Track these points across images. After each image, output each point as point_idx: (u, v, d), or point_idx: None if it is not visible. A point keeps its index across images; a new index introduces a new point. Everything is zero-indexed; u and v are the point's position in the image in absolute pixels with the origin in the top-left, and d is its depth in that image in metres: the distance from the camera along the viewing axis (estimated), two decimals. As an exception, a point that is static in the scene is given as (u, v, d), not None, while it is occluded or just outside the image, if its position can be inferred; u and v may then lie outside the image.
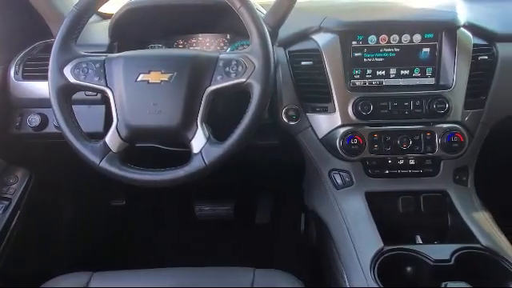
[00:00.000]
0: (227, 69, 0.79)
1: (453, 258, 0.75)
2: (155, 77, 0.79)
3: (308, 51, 0.97)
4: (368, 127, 0.94)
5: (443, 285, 0.70)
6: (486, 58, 0.97)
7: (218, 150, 0.78)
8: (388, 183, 0.94)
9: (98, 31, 1.10)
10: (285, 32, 1.00)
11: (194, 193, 1.54)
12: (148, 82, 0.79)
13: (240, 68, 0.79)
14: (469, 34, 0.97)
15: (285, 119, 0.98)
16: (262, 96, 0.77)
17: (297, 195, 1.21)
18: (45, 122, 1.05)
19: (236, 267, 0.89)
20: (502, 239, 0.81)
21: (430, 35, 0.96)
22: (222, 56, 0.81)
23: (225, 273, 0.88)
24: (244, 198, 1.57)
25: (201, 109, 0.79)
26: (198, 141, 0.79)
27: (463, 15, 0.97)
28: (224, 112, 0.92)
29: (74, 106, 1.03)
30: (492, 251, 0.77)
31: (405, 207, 0.92)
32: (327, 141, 0.97)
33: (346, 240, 0.84)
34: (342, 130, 0.94)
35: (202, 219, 1.56)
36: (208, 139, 0.79)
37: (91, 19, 1.24)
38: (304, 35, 0.99)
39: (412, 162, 0.94)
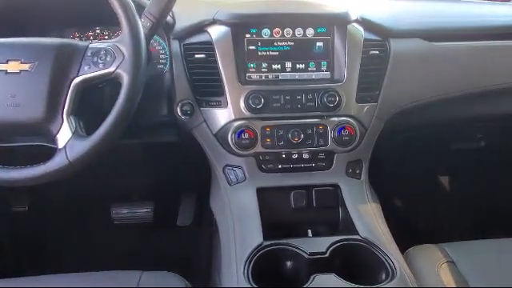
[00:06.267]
0: (95, 58, 0.75)
1: (328, 251, 0.74)
2: (14, 66, 0.74)
3: (201, 44, 0.94)
4: (260, 121, 0.92)
5: (312, 277, 0.69)
6: (378, 52, 0.98)
7: (82, 145, 0.73)
8: (281, 178, 0.93)
9: None
10: (180, 25, 0.97)
11: (110, 195, 1.47)
12: (6, 72, 0.74)
13: (108, 57, 0.75)
14: (360, 28, 0.98)
15: (180, 114, 0.95)
16: (131, 87, 0.74)
17: None
18: None
19: (123, 270, 0.85)
20: (382, 230, 0.82)
21: (323, 29, 0.96)
22: (91, 45, 0.77)
23: (111, 277, 0.84)
24: (164, 200, 1.52)
25: (67, 101, 0.74)
26: (64, 135, 0.74)
27: (355, 11, 0.98)
28: (103, 105, 0.87)
29: None
30: (368, 242, 0.77)
31: (297, 202, 0.91)
32: (221, 136, 0.94)
33: (229, 237, 0.81)
34: (234, 124, 0.92)
35: (119, 223, 1.49)
36: (74, 133, 0.74)
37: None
38: (198, 28, 0.96)
39: (306, 156, 0.94)
